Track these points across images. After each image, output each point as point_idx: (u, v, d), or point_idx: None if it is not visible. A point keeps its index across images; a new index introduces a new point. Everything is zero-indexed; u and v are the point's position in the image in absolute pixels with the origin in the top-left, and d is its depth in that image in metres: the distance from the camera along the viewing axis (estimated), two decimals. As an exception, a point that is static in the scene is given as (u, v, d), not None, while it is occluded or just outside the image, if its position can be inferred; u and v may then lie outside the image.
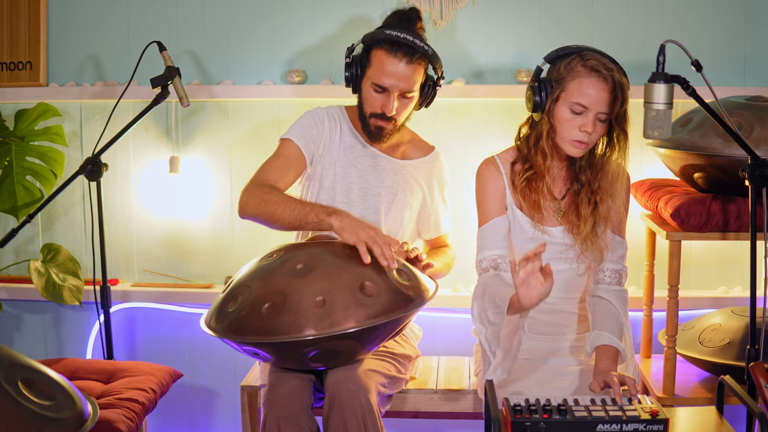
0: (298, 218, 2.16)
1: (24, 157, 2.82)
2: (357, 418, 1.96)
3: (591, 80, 2.02)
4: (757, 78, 2.78)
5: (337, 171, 2.38)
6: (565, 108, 2.04)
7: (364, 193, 2.38)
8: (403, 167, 2.43)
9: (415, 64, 2.26)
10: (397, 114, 2.31)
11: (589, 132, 2.04)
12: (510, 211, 2.17)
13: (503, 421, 1.71)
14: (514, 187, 2.16)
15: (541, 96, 2.06)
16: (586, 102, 2.02)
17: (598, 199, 2.13)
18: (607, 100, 2.02)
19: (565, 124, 2.05)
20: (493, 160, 2.20)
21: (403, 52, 2.24)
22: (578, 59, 2.04)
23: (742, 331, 2.39)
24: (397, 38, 2.24)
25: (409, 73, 2.26)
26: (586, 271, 2.19)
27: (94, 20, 2.93)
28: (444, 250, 2.52)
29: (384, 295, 1.97)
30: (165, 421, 3.03)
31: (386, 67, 2.25)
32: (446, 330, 2.87)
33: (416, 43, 2.25)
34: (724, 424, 1.84)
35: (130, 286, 2.98)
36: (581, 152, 2.09)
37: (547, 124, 2.09)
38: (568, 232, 2.15)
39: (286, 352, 1.96)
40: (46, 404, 1.70)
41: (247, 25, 2.88)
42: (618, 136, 2.09)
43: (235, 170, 2.92)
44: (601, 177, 2.13)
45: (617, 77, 2.02)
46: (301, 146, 2.35)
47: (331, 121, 2.40)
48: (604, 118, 2.05)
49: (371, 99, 2.31)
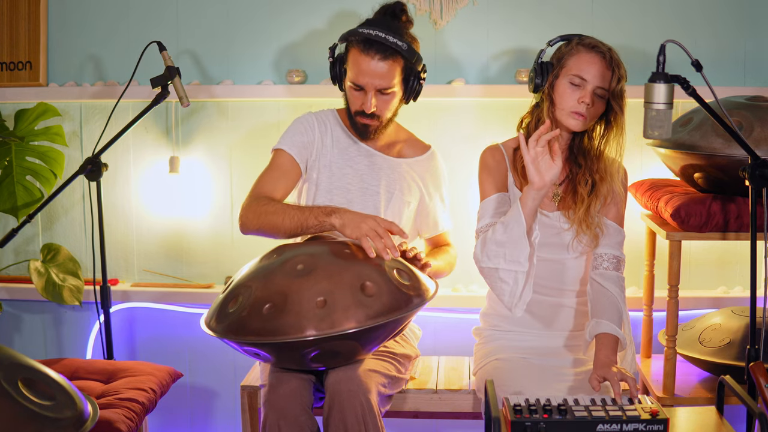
0: (299, 224, 2.16)
1: (24, 157, 2.82)
2: (357, 418, 1.96)
3: (590, 56, 2.12)
4: (757, 78, 2.78)
5: (334, 172, 2.38)
6: (565, 82, 2.13)
7: (363, 193, 2.38)
8: (399, 165, 2.43)
9: (389, 61, 2.25)
10: (379, 111, 2.30)
11: (588, 103, 2.11)
12: (510, 192, 2.22)
13: (503, 421, 1.71)
14: (515, 170, 2.23)
15: (542, 77, 2.17)
16: (585, 75, 2.11)
17: (597, 178, 2.18)
18: (605, 75, 2.11)
19: (565, 96, 2.13)
20: (496, 146, 2.28)
21: (375, 50, 2.23)
22: (577, 39, 2.17)
23: (742, 331, 2.39)
24: (369, 36, 2.23)
25: (384, 70, 2.25)
26: (581, 255, 2.21)
27: (94, 20, 2.93)
28: (445, 249, 2.52)
29: (385, 295, 1.97)
30: (165, 421, 3.03)
31: (360, 66, 2.25)
32: (446, 330, 2.87)
33: (388, 39, 2.22)
34: (724, 424, 1.84)
35: (130, 286, 2.98)
36: (580, 124, 2.14)
37: (547, 101, 2.17)
38: (564, 217, 2.20)
39: (286, 353, 1.96)
40: (46, 404, 1.70)
41: (247, 25, 2.88)
42: (615, 116, 2.15)
43: (235, 170, 2.92)
44: (600, 159, 2.20)
45: (614, 55, 2.13)
46: (294, 154, 2.36)
47: (321, 125, 2.41)
48: (601, 93, 2.12)
49: (353, 97, 2.32)
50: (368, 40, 2.23)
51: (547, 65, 2.17)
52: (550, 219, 2.20)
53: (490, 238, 2.08)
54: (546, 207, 2.21)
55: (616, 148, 2.18)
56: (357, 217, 2.11)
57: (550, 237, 2.20)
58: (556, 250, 2.20)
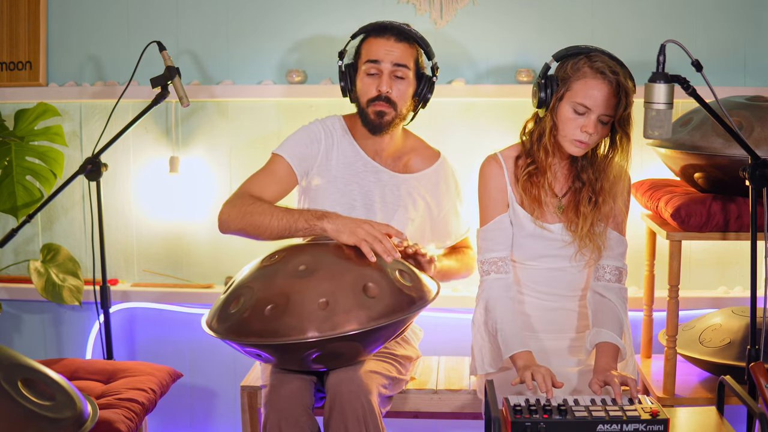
0: (287, 226, 2.14)
1: (24, 157, 2.81)
2: (358, 419, 1.96)
3: (596, 82, 2.03)
4: (757, 78, 2.78)
5: (339, 188, 2.35)
6: (568, 107, 2.06)
7: (367, 210, 2.36)
8: (406, 181, 2.39)
9: (404, 43, 2.28)
10: (395, 96, 2.28)
11: (590, 133, 2.06)
12: (511, 207, 2.18)
13: (503, 421, 1.71)
14: (515, 182, 2.18)
15: (546, 93, 2.09)
16: (590, 103, 2.04)
17: (600, 199, 2.15)
18: (611, 102, 2.04)
19: (568, 123, 2.07)
20: (495, 157, 2.22)
21: (390, 33, 2.28)
22: (585, 60, 2.06)
23: (743, 331, 2.39)
24: (383, 23, 2.29)
25: (399, 48, 2.28)
26: (584, 268, 2.20)
27: (94, 20, 2.92)
28: (462, 250, 2.50)
29: (387, 296, 1.97)
30: (165, 421, 3.03)
31: (376, 46, 2.28)
32: (446, 330, 2.87)
33: (403, 27, 2.29)
34: (725, 425, 1.84)
35: (130, 286, 2.98)
36: (581, 151, 2.11)
37: (550, 122, 2.11)
38: (567, 230, 2.17)
39: (288, 354, 1.96)
40: (46, 404, 1.70)
41: (247, 25, 2.88)
42: (621, 139, 2.11)
43: (235, 170, 2.91)
44: (603, 178, 2.15)
45: (622, 81, 2.03)
46: (293, 165, 2.33)
47: (328, 137, 2.37)
48: (606, 120, 2.07)
49: (366, 86, 2.29)
50: (383, 26, 2.28)
51: (552, 82, 2.08)
52: (552, 233, 2.17)
53: (492, 326, 2.10)
54: (548, 219, 2.18)
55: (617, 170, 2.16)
56: (351, 222, 2.09)
57: (552, 249, 2.17)
58: (558, 261, 2.18)
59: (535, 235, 2.16)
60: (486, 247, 2.17)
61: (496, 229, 2.17)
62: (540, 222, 2.16)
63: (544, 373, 1.89)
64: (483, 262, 2.17)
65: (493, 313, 2.10)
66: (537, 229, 2.16)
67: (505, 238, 2.17)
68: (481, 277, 2.18)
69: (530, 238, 2.17)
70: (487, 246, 2.17)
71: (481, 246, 2.19)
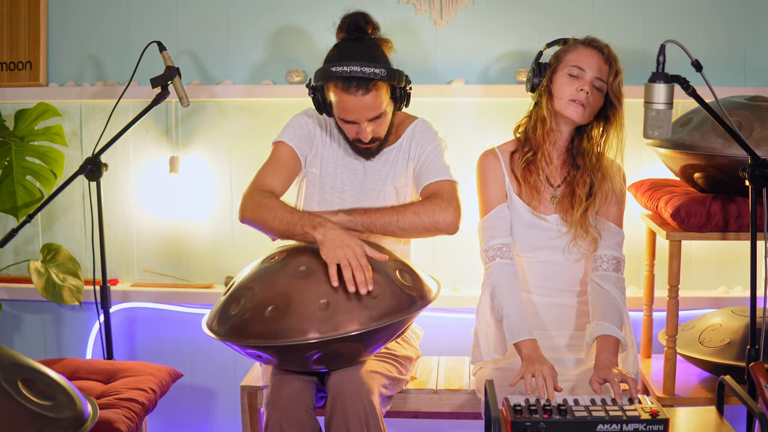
0: (287, 229, 2.14)
1: (24, 157, 2.82)
2: (359, 419, 1.96)
3: (587, 49, 2.16)
4: (757, 78, 2.78)
5: (329, 171, 2.37)
6: (563, 74, 2.16)
7: (357, 192, 2.36)
8: (388, 152, 2.37)
9: (373, 92, 2.17)
10: (376, 133, 2.26)
11: (586, 91, 2.12)
12: (509, 197, 2.23)
13: (503, 421, 1.71)
14: (513, 174, 2.23)
15: (540, 76, 2.20)
16: (583, 65, 2.14)
17: (597, 177, 2.19)
18: (603, 69, 2.14)
19: (564, 87, 2.15)
20: (492, 151, 2.28)
21: (356, 86, 2.14)
22: (574, 39, 2.22)
23: (743, 331, 2.39)
24: (345, 73, 2.13)
25: (369, 101, 2.17)
26: (580, 259, 2.21)
27: (94, 20, 2.92)
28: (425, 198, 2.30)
29: (387, 297, 1.97)
30: (165, 421, 3.03)
31: (346, 105, 2.18)
32: (446, 330, 2.87)
33: (365, 72, 2.13)
34: (724, 424, 1.84)
35: (130, 286, 2.98)
36: (579, 114, 2.15)
37: (546, 95, 2.19)
38: (562, 220, 2.21)
39: (289, 355, 1.96)
40: (46, 404, 1.70)
41: (247, 25, 2.88)
42: (614, 112, 2.16)
43: (235, 170, 2.92)
44: (599, 159, 2.20)
45: (612, 51, 2.15)
46: (295, 147, 2.34)
47: (321, 121, 2.39)
48: (599, 85, 2.14)
49: (346, 128, 2.27)
50: (346, 78, 2.14)
51: (544, 66, 2.21)
52: (548, 222, 2.21)
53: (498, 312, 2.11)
54: (544, 210, 2.22)
55: (615, 145, 2.19)
56: (337, 239, 2.02)
57: (548, 240, 2.20)
58: (554, 253, 2.21)
59: (533, 224, 2.20)
60: (489, 235, 2.20)
61: (497, 217, 2.21)
62: (537, 213, 2.20)
63: (546, 374, 1.89)
64: (487, 249, 2.20)
65: (499, 299, 2.12)
66: (534, 219, 2.20)
67: (506, 226, 2.21)
68: (486, 264, 2.20)
69: (527, 228, 2.21)
70: (490, 234, 2.20)
71: (484, 235, 2.22)
